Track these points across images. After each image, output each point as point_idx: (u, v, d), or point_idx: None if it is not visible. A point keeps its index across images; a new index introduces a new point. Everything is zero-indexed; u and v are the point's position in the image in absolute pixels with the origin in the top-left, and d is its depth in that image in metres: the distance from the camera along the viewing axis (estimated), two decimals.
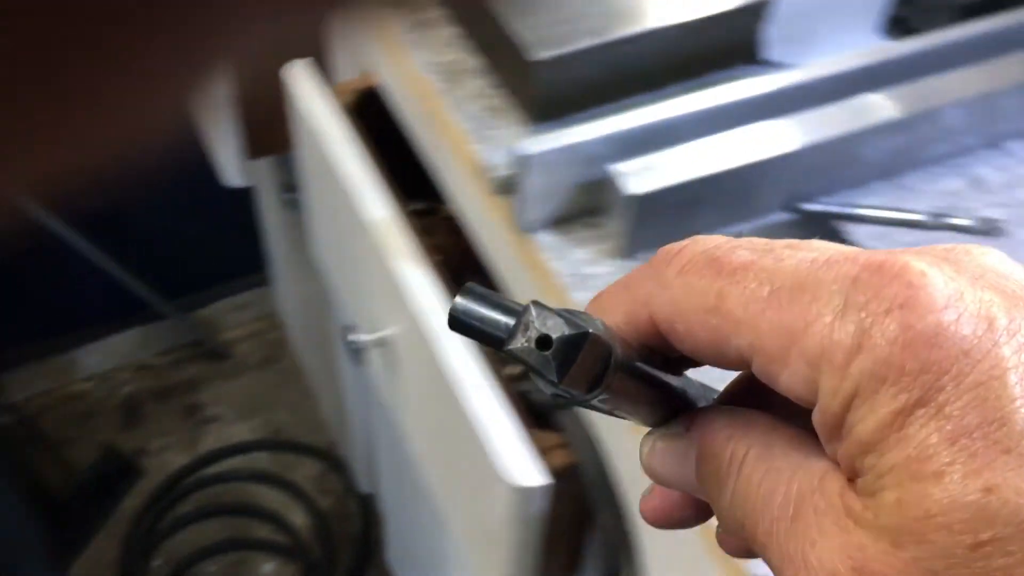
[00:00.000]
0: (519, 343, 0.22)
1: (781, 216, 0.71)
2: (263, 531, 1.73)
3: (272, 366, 1.94)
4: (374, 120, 0.93)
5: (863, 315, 0.21)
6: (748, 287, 0.23)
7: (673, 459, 0.26)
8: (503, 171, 0.68)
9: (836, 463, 0.22)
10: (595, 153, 0.67)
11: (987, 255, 0.23)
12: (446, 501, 0.87)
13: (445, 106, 0.78)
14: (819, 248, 0.23)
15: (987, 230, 0.70)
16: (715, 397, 0.29)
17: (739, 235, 0.25)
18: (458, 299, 0.23)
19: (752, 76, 0.73)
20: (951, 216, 0.71)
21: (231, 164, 1.20)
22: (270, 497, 1.75)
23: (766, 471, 0.23)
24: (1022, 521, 0.19)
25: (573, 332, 0.22)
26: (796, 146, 0.68)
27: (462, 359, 0.73)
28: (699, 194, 0.67)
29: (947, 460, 0.20)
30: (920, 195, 0.73)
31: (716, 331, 0.23)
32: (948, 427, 0.20)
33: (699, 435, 0.26)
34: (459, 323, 0.23)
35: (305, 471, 1.80)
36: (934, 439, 0.20)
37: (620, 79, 0.76)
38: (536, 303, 0.22)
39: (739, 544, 0.27)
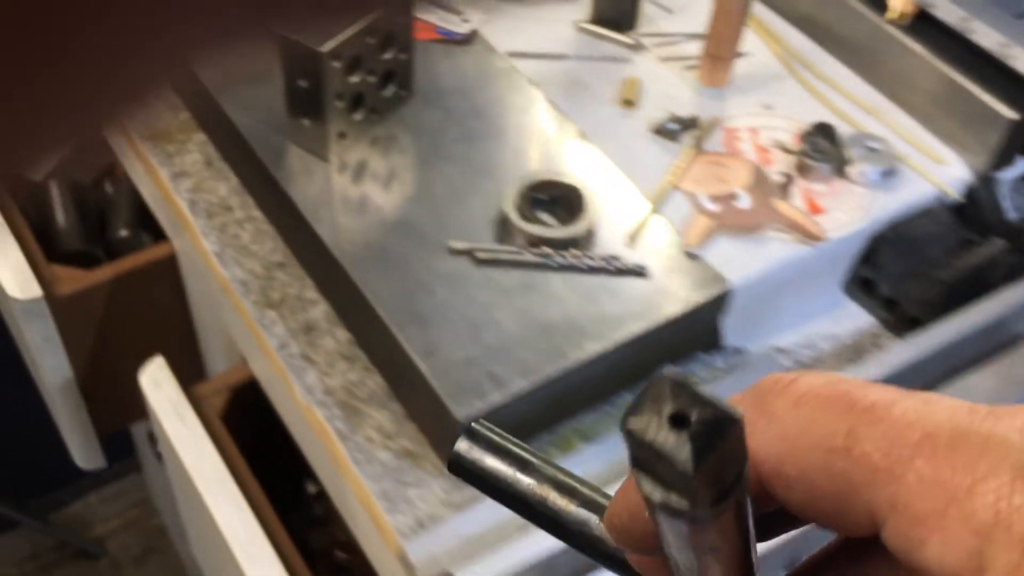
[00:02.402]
0: (643, 422, 0.17)
1: None
2: None
3: (152, 558, 1.74)
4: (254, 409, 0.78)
5: None
6: (892, 428, 0.19)
7: None
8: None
9: None
10: None
11: None
12: None
13: (347, 452, 0.63)
14: (969, 402, 0.19)
15: None
16: None
17: None
18: (460, 443, 0.23)
19: (709, 363, 0.64)
20: None
21: (83, 446, 1.02)
22: None
23: None
24: None
25: (719, 415, 0.17)
26: None
27: None
28: None
29: None
30: None
31: (842, 479, 0.19)
32: None
33: None
34: (460, 469, 0.23)
35: None
36: None
37: (562, 405, 0.64)
38: (671, 371, 0.17)
39: None
